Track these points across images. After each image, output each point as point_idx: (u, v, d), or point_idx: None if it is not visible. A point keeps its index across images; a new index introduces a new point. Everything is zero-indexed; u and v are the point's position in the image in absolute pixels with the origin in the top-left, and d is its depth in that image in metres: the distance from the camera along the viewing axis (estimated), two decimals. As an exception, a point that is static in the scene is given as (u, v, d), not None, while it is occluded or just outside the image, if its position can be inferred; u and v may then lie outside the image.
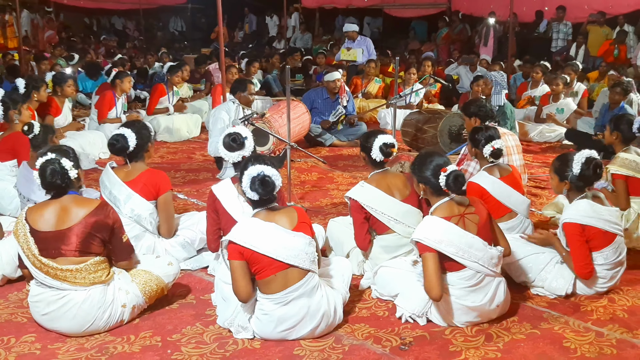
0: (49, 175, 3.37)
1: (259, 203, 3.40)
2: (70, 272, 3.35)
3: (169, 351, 3.33)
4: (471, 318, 3.51)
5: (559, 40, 13.29)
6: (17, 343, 3.41)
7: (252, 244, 3.24)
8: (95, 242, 3.45)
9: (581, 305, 3.82)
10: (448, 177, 3.41)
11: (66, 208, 3.44)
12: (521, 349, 3.34)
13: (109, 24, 21.46)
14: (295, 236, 3.30)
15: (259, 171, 3.31)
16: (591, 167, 3.79)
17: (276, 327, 3.33)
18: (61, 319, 3.39)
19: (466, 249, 3.39)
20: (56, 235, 3.39)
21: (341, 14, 18.38)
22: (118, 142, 4.24)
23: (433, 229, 3.42)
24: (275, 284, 3.27)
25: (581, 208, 3.81)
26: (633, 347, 3.36)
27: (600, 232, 3.79)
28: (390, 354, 3.29)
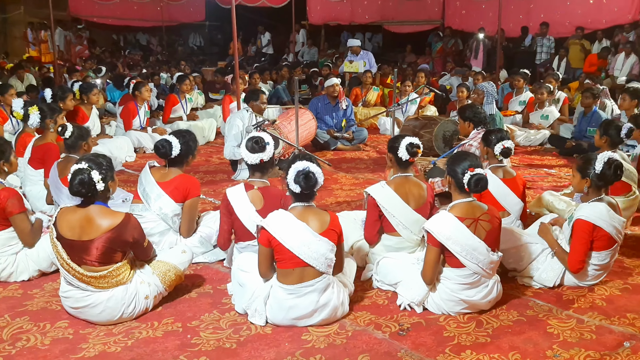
0: (77, 184, 3.31)
1: (300, 196, 3.36)
2: (94, 279, 3.34)
3: (188, 336, 3.33)
4: (464, 308, 3.51)
5: (542, 53, 13.28)
6: (52, 328, 3.42)
7: (280, 236, 3.25)
8: (115, 254, 3.40)
9: (563, 295, 3.81)
10: (472, 177, 3.39)
11: (90, 219, 3.35)
12: (509, 334, 3.33)
13: (134, 40, 21.50)
14: (320, 240, 3.27)
15: (305, 166, 3.29)
16: (612, 167, 3.73)
17: (287, 314, 3.33)
18: (89, 313, 3.41)
19: (470, 251, 3.37)
20: (79, 245, 3.34)
21: (345, 30, 18.39)
22: (163, 148, 4.24)
23: (445, 225, 3.40)
24: (292, 277, 3.28)
25: (598, 210, 3.75)
26: (611, 332, 3.35)
27: (607, 235, 3.75)
28: (390, 339, 3.29)
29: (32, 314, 3.60)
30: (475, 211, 3.47)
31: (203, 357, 3.11)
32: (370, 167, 7.23)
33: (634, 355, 3.11)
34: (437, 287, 3.53)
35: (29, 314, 3.60)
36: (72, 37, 17.49)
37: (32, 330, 3.40)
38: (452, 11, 15.27)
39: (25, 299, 3.78)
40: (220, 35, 21.52)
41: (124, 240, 3.38)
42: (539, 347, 3.20)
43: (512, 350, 3.17)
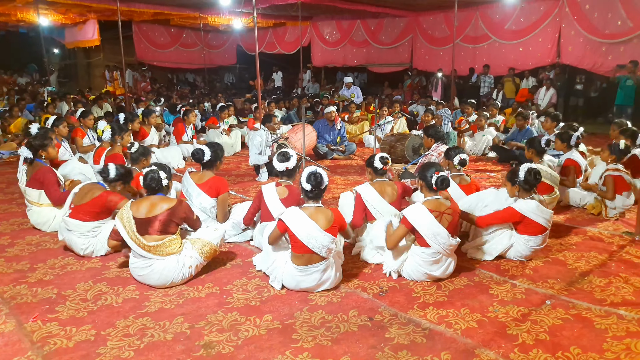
0: (149, 179, 3.49)
1: (310, 193, 3.39)
2: (153, 247, 3.36)
3: (224, 296, 3.32)
4: (427, 278, 3.51)
5: (485, 87, 13.24)
6: (123, 291, 3.41)
7: (294, 228, 3.26)
8: (171, 226, 3.45)
9: (501, 266, 3.80)
10: (438, 178, 3.45)
11: (155, 203, 3.45)
12: (460, 295, 3.32)
13: (184, 78, 21.45)
14: (325, 236, 3.26)
15: (314, 169, 3.38)
16: (532, 174, 3.76)
17: (297, 285, 3.34)
18: (150, 278, 3.41)
19: (435, 235, 3.37)
20: (146, 220, 3.39)
21: (339, 70, 18.41)
22: (197, 154, 4.31)
23: (419, 214, 3.41)
24: (301, 260, 3.28)
25: (529, 205, 3.76)
26: (537, 294, 3.34)
27: (538, 224, 3.75)
28: (373, 298, 3.28)
29: (109, 280, 3.59)
30: (441, 206, 3.46)
31: (235, 312, 3.11)
32: (357, 171, 7.22)
33: (553, 310, 3.10)
34: (408, 261, 3.52)
35: (107, 280, 3.59)
36: (138, 76, 17.48)
37: (108, 292, 3.40)
38: (418, 56, 15.24)
39: (104, 269, 3.78)
40: (247, 74, 21.49)
41: (178, 215, 3.48)
42: (483, 304, 3.19)
43: (463, 306, 3.16)
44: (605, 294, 3.32)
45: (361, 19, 16.09)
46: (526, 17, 12.38)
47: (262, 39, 18.42)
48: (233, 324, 2.96)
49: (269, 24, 17.41)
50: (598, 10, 10.93)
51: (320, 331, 2.88)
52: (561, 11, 11.66)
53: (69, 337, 2.84)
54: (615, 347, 2.70)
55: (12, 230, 4.72)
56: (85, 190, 4.01)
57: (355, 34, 16.61)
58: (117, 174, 4.04)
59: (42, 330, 2.91)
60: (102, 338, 2.82)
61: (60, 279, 3.61)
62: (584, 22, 11.24)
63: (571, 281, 3.52)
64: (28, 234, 4.58)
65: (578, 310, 3.09)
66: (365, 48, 16.55)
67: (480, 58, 13.63)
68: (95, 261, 3.93)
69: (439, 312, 3.08)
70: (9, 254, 4.10)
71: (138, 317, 3.05)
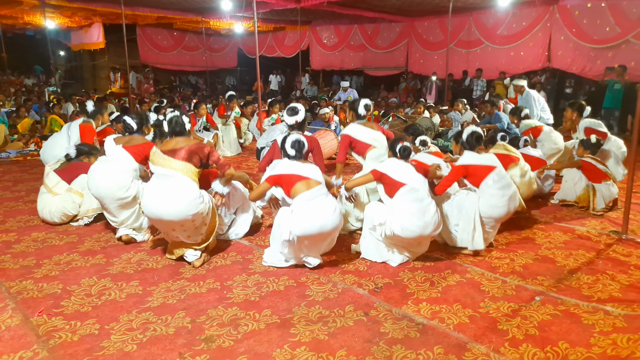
0: (174, 123, 3.64)
1: (294, 157, 3.63)
2: (177, 163, 3.52)
3: (225, 292, 3.32)
4: (415, 233, 3.52)
5: (477, 90, 13.23)
6: (127, 286, 3.41)
7: (284, 171, 3.53)
8: (194, 159, 3.59)
9: (492, 263, 3.80)
10: (401, 147, 3.74)
11: (179, 141, 3.61)
12: (453, 291, 3.33)
13: (186, 80, 21.40)
14: (311, 165, 3.62)
15: (297, 137, 3.64)
16: (474, 136, 3.96)
17: (311, 220, 3.37)
18: (162, 203, 3.45)
19: (404, 172, 3.62)
20: (172, 151, 3.56)
21: (336, 74, 18.38)
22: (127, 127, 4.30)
23: (386, 164, 3.72)
24: (301, 188, 3.45)
25: (465, 157, 3.93)
26: (526, 290, 3.35)
27: (484, 167, 3.86)
28: (368, 294, 3.28)
29: (113, 276, 3.59)
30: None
31: (235, 307, 3.11)
32: (354, 171, 7.21)
33: (542, 306, 3.11)
34: (396, 215, 3.54)
35: (111, 275, 3.59)
36: (142, 78, 17.43)
37: (112, 287, 3.39)
38: (413, 60, 15.23)
39: (108, 265, 3.77)
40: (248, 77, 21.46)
41: (201, 150, 3.61)
42: (475, 300, 3.19)
43: (455, 302, 3.17)
44: (592, 290, 3.33)
45: (358, 24, 16.09)
46: (518, 22, 12.40)
47: (263, 42, 18.40)
48: (233, 319, 2.96)
49: (269, 28, 17.40)
50: (587, 17, 10.96)
51: (317, 326, 2.88)
52: (552, 17, 11.68)
53: (73, 331, 2.83)
54: (602, 342, 2.71)
55: (18, 227, 4.71)
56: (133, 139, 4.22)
57: (353, 38, 16.61)
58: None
59: (47, 325, 2.90)
60: (106, 332, 2.82)
61: (66, 274, 3.61)
62: (573, 28, 11.27)
63: (560, 278, 3.53)
64: (34, 231, 4.57)
65: (566, 307, 3.10)
66: (362, 52, 16.55)
67: (473, 62, 13.65)
68: (99, 257, 3.92)
69: (432, 308, 3.09)
70: (16, 250, 4.09)
71: (141, 311, 3.05)
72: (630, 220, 4.52)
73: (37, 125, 10.14)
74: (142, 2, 11.90)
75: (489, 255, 3.94)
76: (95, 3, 11.39)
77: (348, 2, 11.20)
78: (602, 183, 5.04)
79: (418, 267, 3.71)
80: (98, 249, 4.10)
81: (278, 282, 3.46)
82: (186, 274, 3.61)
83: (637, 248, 4.10)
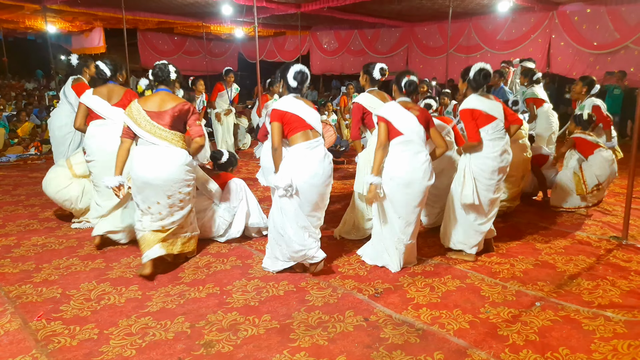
0: (157, 68, 3.55)
1: (294, 89, 3.49)
2: (169, 134, 3.45)
3: (224, 297, 3.31)
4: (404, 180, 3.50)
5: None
6: (126, 291, 3.40)
7: (290, 109, 3.39)
8: (180, 125, 3.51)
9: (492, 268, 3.80)
10: (407, 81, 3.63)
11: (164, 99, 3.49)
12: (453, 296, 3.32)
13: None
14: (315, 111, 3.49)
15: (300, 67, 3.46)
16: (481, 74, 3.76)
17: (309, 172, 3.34)
18: (157, 168, 3.41)
19: (406, 121, 3.52)
20: (156, 114, 3.45)
21: (335, 78, 18.48)
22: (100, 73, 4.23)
23: (391, 108, 3.59)
24: (301, 137, 3.40)
25: (470, 100, 3.78)
26: (527, 295, 3.34)
27: (483, 114, 3.73)
28: (368, 299, 3.28)
29: (112, 280, 3.58)
30: (408, 104, 3.63)
31: (234, 312, 3.10)
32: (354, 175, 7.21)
33: (543, 312, 3.11)
34: (391, 163, 3.54)
35: (110, 280, 3.58)
36: (142, 82, 17.56)
37: (111, 292, 3.39)
38: (413, 65, 15.28)
39: (107, 270, 3.77)
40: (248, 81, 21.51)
41: (185, 110, 3.49)
42: (475, 306, 3.19)
43: (455, 307, 3.16)
44: (593, 296, 3.33)
45: (358, 29, 16.14)
46: (517, 28, 12.44)
47: (263, 47, 18.45)
48: (232, 324, 2.96)
49: (269, 33, 17.45)
50: (587, 23, 11.00)
51: (317, 331, 2.87)
52: (551, 23, 11.73)
53: (72, 335, 2.83)
54: (603, 348, 2.70)
55: (18, 231, 4.71)
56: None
57: (353, 44, 16.67)
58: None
59: (46, 329, 2.90)
60: (105, 337, 2.81)
61: (65, 279, 3.60)
62: (573, 34, 11.30)
63: (560, 284, 3.53)
64: (34, 235, 4.56)
65: (567, 312, 3.09)
66: (362, 57, 16.59)
67: (473, 68, 13.69)
68: (98, 262, 3.91)
69: (432, 313, 3.08)
70: (15, 255, 4.08)
71: (140, 316, 3.04)
72: (630, 226, 4.52)
73: (38, 129, 10.16)
74: (143, 7, 11.95)
75: (489, 260, 3.93)
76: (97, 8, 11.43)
77: (348, 7, 11.23)
78: (594, 153, 5.06)
79: (418, 272, 3.71)
80: (97, 254, 4.09)
81: (278, 287, 3.46)
82: (185, 278, 3.60)
83: (638, 254, 4.10)
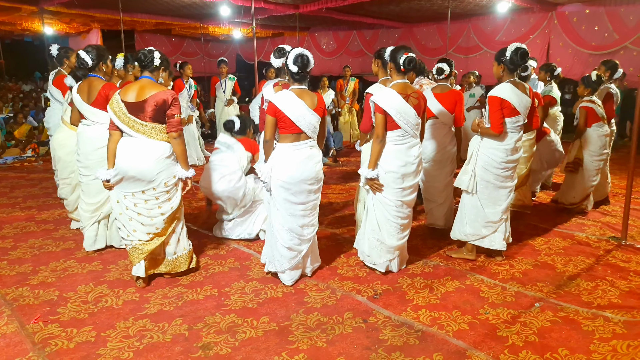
0: (140, 54, 3.34)
1: (297, 75, 3.32)
2: (147, 127, 3.26)
3: (222, 299, 3.31)
4: (399, 174, 3.47)
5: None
6: (124, 293, 3.40)
7: (285, 108, 3.26)
8: (160, 114, 3.28)
9: (491, 269, 3.80)
10: (405, 58, 3.39)
11: (143, 87, 3.28)
12: (452, 297, 3.32)
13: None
14: (312, 114, 3.31)
15: (301, 50, 3.30)
16: (519, 53, 3.53)
17: (293, 167, 3.30)
18: (135, 160, 3.25)
19: (403, 114, 3.38)
20: (135, 104, 3.25)
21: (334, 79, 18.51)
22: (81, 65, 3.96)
23: (388, 97, 3.40)
24: (289, 138, 3.32)
25: (503, 88, 3.59)
26: (526, 296, 3.35)
27: (511, 106, 3.57)
28: (367, 301, 3.28)
29: (109, 282, 3.58)
30: (407, 89, 3.45)
31: (233, 314, 3.10)
32: (353, 178, 7.23)
33: (542, 312, 3.11)
34: (384, 157, 3.49)
35: (107, 282, 3.58)
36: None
37: (109, 294, 3.38)
38: (412, 66, 15.37)
39: (105, 272, 3.76)
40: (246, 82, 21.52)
41: (164, 100, 3.26)
42: (474, 307, 3.19)
43: (455, 309, 3.16)
44: (592, 297, 3.33)
45: (357, 30, 16.17)
46: (516, 29, 12.48)
47: (261, 48, 18.47)
48: (231, 326, 2.95)
49: (267, 34, 17.47)
50: (585, 23, 11.04)
51: (315, 333, 2.87)
52: (550, 23, 11.76)
53: (69, 338, 2.82)
54: (602, 349, 2.70)
55: (15, 233, 4.70)
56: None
57: (352, 44, 16.69)
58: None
59: (43, 332, 2.89)
60: (102, 339, 2.80)
61: (62, 281, 3.60)
62: (572, 35, 11.34)
63: (559, 284, 3.53)
64: (31, 238, 4.56)
65: (566, 313, 3.10)
66: (361, 57, 16.63)
67: (472, 68, 13.65)
68: (96, 264, 3.91)
69: (431, 315, 3.08)
70: (12, 257, 4.08)
71: (137, 318, 3.04)
72: (630, 226, 4.53)
73: (35, 132, 10.15)
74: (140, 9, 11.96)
75: (488, 261, 3.94)
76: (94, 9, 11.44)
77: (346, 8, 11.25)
78: (591, 127, 5.03)
79: (417, 273, 3.71)
80: (95, 255, 4.09)
81: (276, 288, 3.45)
82: (183, 280, 3.60)
83: (637, 254, 4.10)
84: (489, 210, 3.79)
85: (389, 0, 9.95)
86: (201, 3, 10.74)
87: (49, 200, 5.86)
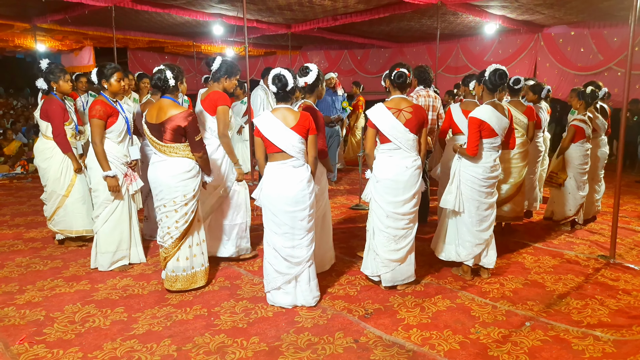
0: (156, 78, 3.48)
1: (278, 95, 3.35)
2: (167, 148, 3.49)
3: (212, 318, 3.27)
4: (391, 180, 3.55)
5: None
6: (111, 313, 3.34)
7: (264, 131, 3.30)
8: (178, 136, 3.46)
9: (482, 288, 3.80)
10: (396, 73, 3.59)
11: (163, 108, 3.45)
12: (443, 316, 3.31)
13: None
14: (291, 133, 3.26)
15: (278, 71, 3.31)
16: (496, 74, 3.68)
17: (276, 186, 3.31)
18: (159, 172, 3.51)
19: (391, 129, 3.50)
20: (155, 125, 3.47)
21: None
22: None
23: (378, 113, 3.56)
24: (275, 157, 3.34)
25: (484, 110, 3.70)
26: (516, 315, 3.35)
27: (489, 128, 3.67)
28: (358, 320, 3.26)
29: (97, 302, 3.52)
30: (400, 104, 3.56)
31: (222, 334, 3.06)
32: (344, 194, 7.24)
33: (533, 331, 3.11)
34: (380, 167, 3.59)
35: (95, 302, 3.52)
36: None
37: (96, 314, 3.33)
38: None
39: (93, 291, 3.71)
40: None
41: (179, 126, 3.42)
42: (465, 326, 3.18)
43: (446, 328, 3.15)
44: (582, 315, 3.34)
45: (348, 49, 16.38)
46: (504, 49, 12.72)
47: (253, 67, 18.60)
48: (220, 346, 2.91)
49: (260, 52, 17.61)
50: (571, 45, 11.31)
51: (306, 353, 2.84)
52: (536, 45, 12.01)
53: (56, 359, 2.76)
54: (593, 368, 2.70)
55: (2, 252, 4.63)
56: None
57: (343, 63, 16.88)
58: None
59: (29, 353, 2.83)
60: (89, 361, 2.75)
61: (49, 300, 3.54)
62: (558, 55, 11.59)
63: (549, 303, 3.54)
64: (18, 256, 4.49)
65: (556, 332, 3.10)
66: (352, 76, 16.79)
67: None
68: (83, 283, 3.85)
69: (422, 334, 3.07)
70: (-2, 276, 4.01)
71: (125, 339, 2.99)
72: (618, 245, 4.57)
73: (25, 148, 10.07)
74: (133, 27, 12.03)
75: (479, 280, 3.94)
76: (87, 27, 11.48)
77: (338, 28, 11.41)
78: (577, 143, 5.08)
79: (408, 292, 3.70)
80: (83, 274, 4.03)
81: (266, 308, 3.42)
82: (172, 300, 3.55)
83: (625, 272, 4.13)
84: (477, 228, 3.82)
85: (379, 21, 10.10)
86: (194, 22, 10.83)
87: (37, 218, 5.79)
